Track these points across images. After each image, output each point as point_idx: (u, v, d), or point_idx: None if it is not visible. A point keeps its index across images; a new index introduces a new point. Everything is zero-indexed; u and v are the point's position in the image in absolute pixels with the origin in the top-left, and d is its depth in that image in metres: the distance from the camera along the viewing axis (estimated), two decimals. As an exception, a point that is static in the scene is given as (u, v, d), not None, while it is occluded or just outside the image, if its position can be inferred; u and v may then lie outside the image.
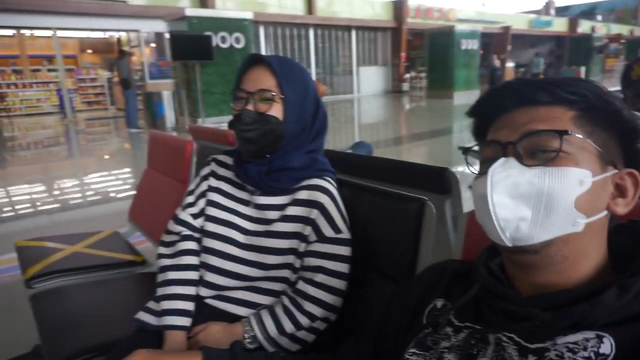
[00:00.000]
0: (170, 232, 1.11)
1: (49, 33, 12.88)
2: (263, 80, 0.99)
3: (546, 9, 27.47)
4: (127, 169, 6.47)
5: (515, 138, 0.54)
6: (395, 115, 12.51)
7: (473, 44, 15.45)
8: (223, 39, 9.46)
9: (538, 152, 0.53)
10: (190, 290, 1.05)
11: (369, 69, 18.68)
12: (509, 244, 0.53)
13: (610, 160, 0.55)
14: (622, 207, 0.56)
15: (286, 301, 0.97)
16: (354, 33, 17.86)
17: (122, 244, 2.02)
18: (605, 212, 0.55)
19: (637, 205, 0.56)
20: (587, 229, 0.53)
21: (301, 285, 0.97)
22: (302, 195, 1.02)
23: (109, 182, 5.57)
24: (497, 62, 14.95)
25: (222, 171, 1.13)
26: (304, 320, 0.95)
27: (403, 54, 18.73)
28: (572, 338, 0.49)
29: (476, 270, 0.63)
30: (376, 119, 11.52)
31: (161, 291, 1.04)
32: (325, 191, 1.01)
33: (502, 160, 0.54)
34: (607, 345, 0.48)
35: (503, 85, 0.59)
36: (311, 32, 16.41)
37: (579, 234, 0.53)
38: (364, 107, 14.17)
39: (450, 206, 1.22)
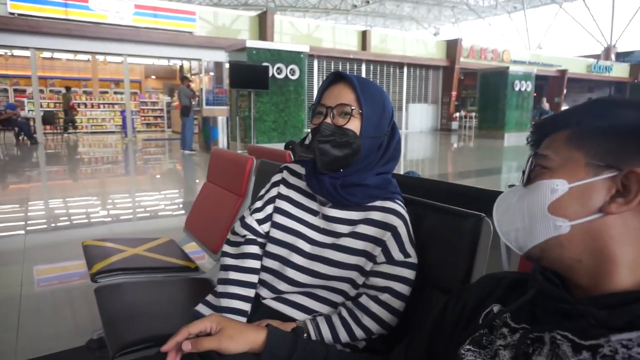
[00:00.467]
0: (235, 233, 1.17)
1: (119, 59, 13.92)
2: (343, 95, 1.04)
3: (606, 54, 26.69)
4: (180, 186, 6.76)
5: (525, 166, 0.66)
6: (442, 152, 12.39)
7: (527, 86, 15.21)
8: (279, 70, 9.85)
9: (530, 172, 0.63)
10: (248, 292, 1.09)
11: (419, 105, 18.72)
12: (519, 252, 0.62)
13: (610, 164, 0.56)
14: (616, 207, 0.56)
15: (344, 312, 0.99)
16: (405, 70, 18.07)
17: (177, 251, 2.13)
18: (599, 214, 0.56)
19: None
20: (579, 231, 0.56)
21: (364, 300, 0.99)
22: (376, 216, 1.04)
23: (162, 197, 5.84)
24: (546, 105, 14.74)
25: (293, 180, 1.16)
26: (359, 333, 0.97)
27: (454, 93, 18.68)
28: (626, 335, 0.50)
29: (532, 277, 0.65)
30: (423, 155, 11.45)
31: (222, 288, 1.10)
32: (399, 215, 1.03)
33: (515, 187, 0.65)
34: None
35: (545, 119, 0.68)
36: (363, 67, 16.76)
37: (571, 236, 0.57)
38: (411, 143, 14.14)
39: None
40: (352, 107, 1.02)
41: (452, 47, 18.50)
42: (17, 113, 12.33)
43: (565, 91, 21.62)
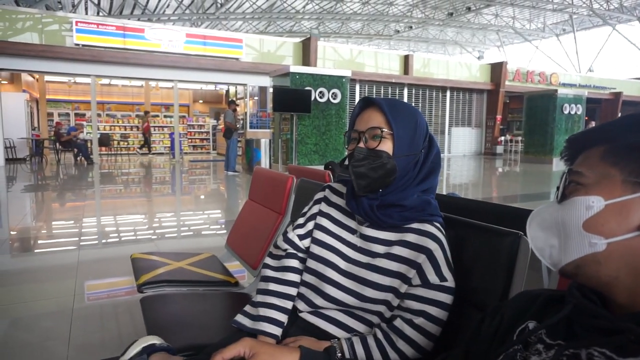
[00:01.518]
0: (277, 247, 1.21)
1: (170, 84, 14.67)
2: (373, 119, 1.07)
3: (664, 76, 25.35)
4: (222, 206, 6.95)
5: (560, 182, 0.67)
6: (486, 177, 12.07)
7: (577, 109, 14.67)
8: (321, 94, 10.05)
9: (565, 188, 0.63)
10: (287, 304, 1.11)
11: (462, 129, 18.43)
12: (553, 269, 0.62)
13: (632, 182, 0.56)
14: None
15: (379, 334, 0.99)
16: (448, 93, 17.93)
17: (218, 266, 2.19)
18: (637, 232, 0.55)
19: None
20: (617, 248, 0.55)
21: (398, 323, 0.98)
22: (411, 238, 1.04)
23: (205, 216, 6.02)
24: None
25: (334, 198, 1.19)
26: (393, 357, 0.96)
27: (499, 116, 18.28)
28: None
29: (569, 293, 0.64)
30: (466, 179, 11.20)
31: (261, 298, 1.13)
32: (434, 238, 1.02)
33: (550, 203, 0.65)
34: None
35: (579, 134, 0.68)
36: (405, 91, 16.78)
37: (608, 253, 0.56)
38: (454, 167, 13.88)
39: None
40: (383, 129, 1.05)
41: (497, 70, 18.22)
42: (77, 135, 13.19)
43: (620, 114, 20.64)
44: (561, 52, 33.03)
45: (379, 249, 1.06)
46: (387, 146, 1.04)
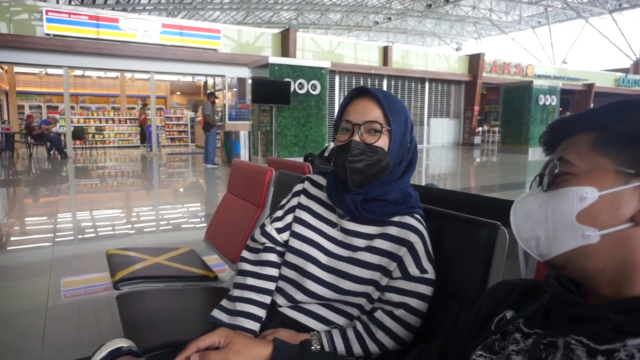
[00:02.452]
0: (255, 240, 1.18)
1: (146, 76, 14.36)
2: (369, 111, 1.03)
3: (635, 68, 26.06)
4: (201, 199, 6.86)
5: (544, 169, 0.63)
6: (464, 167, 12.24)
7: (552, 100, 14.96)
8: (301, 85, 9.98)
9: (554, 177, 0.60)
10: (265, 298, 1.09)
11: (440, 120, 18.61)
12: (541, 259, 0.61)
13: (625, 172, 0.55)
14: None
15: (359, 326, 0.99)
16: (427, 85, 18.05)
17: (197, 261, 2.16)
18: (629, 224, 0.54)
19: None
20: (608, 240, 0.55)
21: (379, 315, 0.98)
22: (393, 231, 1.03)
23: (184, 210, 5.94)
24: None
25: (314, 190, 1.16)
26: (373, 348, 0.96)
27: (476, 107, 18.53)
28: None
29: (547, 282, 0.64)
30: (445, 169, 11.33)
31: (238, 293, 1.11)
32: (415, 231, 1.02)
33: (533, 189, 0.63)
34: None
35: (562, 120, 0.66)
36: (385, 82, 16.82)
37: (599, 246, 0.55)
38: (433, 157, 14.02)
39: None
40: (382, 125, 1.02)
41: (475, 61, 18.42)
42: (50, 128, 12.81)
43: (592, 105, 21.15)
44: (537, 44, 33.62)
45: (360, 242, 1.05)
46: (383, 142, 1.02)
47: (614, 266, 0.55)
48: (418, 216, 1.05)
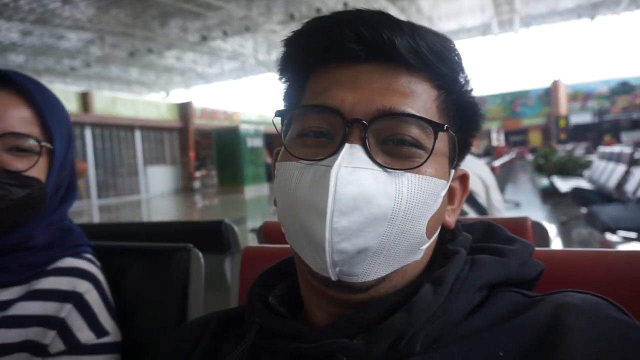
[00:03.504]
0: None
1: None
2: (12, 115, 0.66)
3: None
4: None
5: (368, 116, 0.40)
6: (188, 211, 12.14)
7: (258, 142, 16.70)
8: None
9: (396, 146, 0.41)
10: None
11: (157, 168, 18.12)
12: (334, 278, 0.40)
13: (454, 159, 0.46)
14: (452, 217, 0.48)
15: None
16: (138, 133, 17.33)
17: None
18: (439, 228, 0.46)
19: None
20: (425, 253, 0.44)
21: None
22: (47, 283, 0.70)
23: None
24: (268, 159, 16.58)
25: None
26: None
27: (192, 153, 18.92)
28: None
29: (251, 309, 0.46)
30: (169, 217, 10.93)
31: None
32: (85, 275, 0.72)
33: (347, 148, 0.39)
34: None
35: (351, 14, 0.42)
36: (88, 131, 15.22)
37: (417, 262, 0.43)
38: (154, 207, 13.38)
39: (231, 264, 1.05)
40: (39, 140, 0.67)
41: (184, 109, 18.89)
42: None
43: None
44: (242, 92, 37.49)
45: None
46: (38, 167, 0.68)
47: (404, 283, 0.44)
48: (88, 256, 0.76)
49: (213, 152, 17.43)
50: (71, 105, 14.92)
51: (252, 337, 0.43)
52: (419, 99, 0.42)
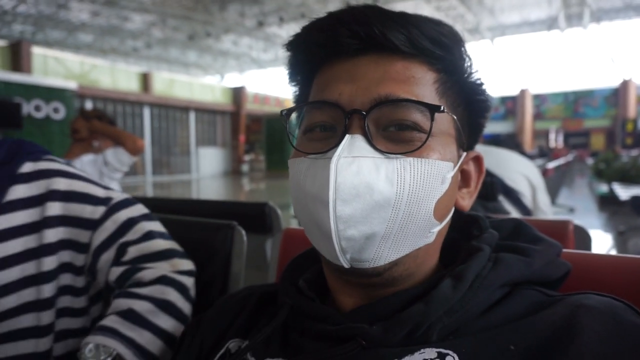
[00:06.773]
0: None
1: None
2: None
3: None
4: None
5: (365, 105, 0.42)
6: (236, 194, 12.47)
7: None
8: (37, 108, 8.43)
9: (397, 132, 0.42)
10: None
11: (209, 149, 18.70)
12: (346, 266, 0.42)
13: (463, 142, 0.47)
14: (467, 200, 0.49)
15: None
16: (193, 114, 17.91)
17: None
18: (452, 210, 0.47)
19: None
20: (437, 236, 0.46)
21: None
22: (18, 193, 0.71)
23: None
24: None
25: None
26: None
27: (242, 137, 19.35)
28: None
29: (283, 290, 0.50)
30: (217, 198, 11.28)
31: None
32: (51, 173, 0.74)
33: (347, 139, 0.41)
34: None
35: (343, 12, 0.44)
36: (146, 111, 15.90)
37: (429, 245, 0.45)
38: (203, 187, 13.85)
39: (272, 245, 1.10)
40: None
41: (238, 94, 19.29)
42: None
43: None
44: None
45: None
46: None
47: (420, 266, 0.45)
48: (49, 157, 0.81)
49: (262, 137, 17.73)
50: (132, 84, 15.65)
51: (284, 316, 0.47)
52: (416, 84, 0.43)
